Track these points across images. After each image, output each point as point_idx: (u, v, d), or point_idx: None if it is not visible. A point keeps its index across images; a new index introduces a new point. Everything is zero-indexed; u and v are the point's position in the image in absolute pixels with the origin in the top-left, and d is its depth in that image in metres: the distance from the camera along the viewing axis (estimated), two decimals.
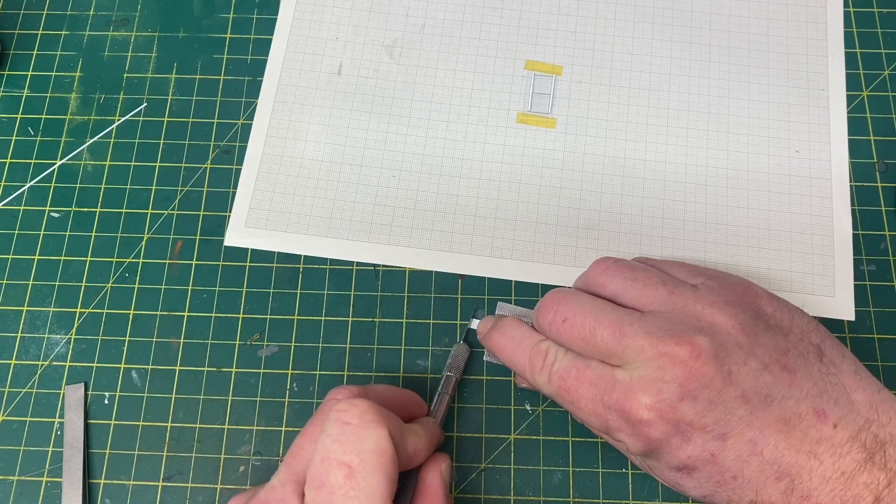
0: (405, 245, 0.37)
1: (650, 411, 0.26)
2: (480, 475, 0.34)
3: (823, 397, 0.26)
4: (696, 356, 0.26)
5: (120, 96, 0.41)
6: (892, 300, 0.36)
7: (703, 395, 0.25)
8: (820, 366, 0.27)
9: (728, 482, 0.26)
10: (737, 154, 0.39)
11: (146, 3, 0.43)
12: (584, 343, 0.28)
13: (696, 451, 0.26)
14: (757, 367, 0.26)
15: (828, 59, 0.41)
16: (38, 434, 0.35)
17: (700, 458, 0.26)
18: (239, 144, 0.40)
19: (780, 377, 0.26)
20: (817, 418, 0.26)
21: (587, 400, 0.27)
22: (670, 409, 0.25)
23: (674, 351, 0.26)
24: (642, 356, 0.26)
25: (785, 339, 0.27)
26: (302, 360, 0.36)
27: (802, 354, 0.27)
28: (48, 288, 0.37)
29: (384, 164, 0.39)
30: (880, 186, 0.38)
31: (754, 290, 0.29)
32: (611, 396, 0.26)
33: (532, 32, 0.41)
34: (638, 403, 0.26)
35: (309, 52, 0.41)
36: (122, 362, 0.36)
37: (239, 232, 0.38)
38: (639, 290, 0.29)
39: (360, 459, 0.25)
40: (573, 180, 0.38)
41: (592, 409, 0.27)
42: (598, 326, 0.28)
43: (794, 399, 0.26)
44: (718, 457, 0.26)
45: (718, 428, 0.25)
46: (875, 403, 0.26)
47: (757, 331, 0.27)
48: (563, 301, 0.29)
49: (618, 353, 0.27)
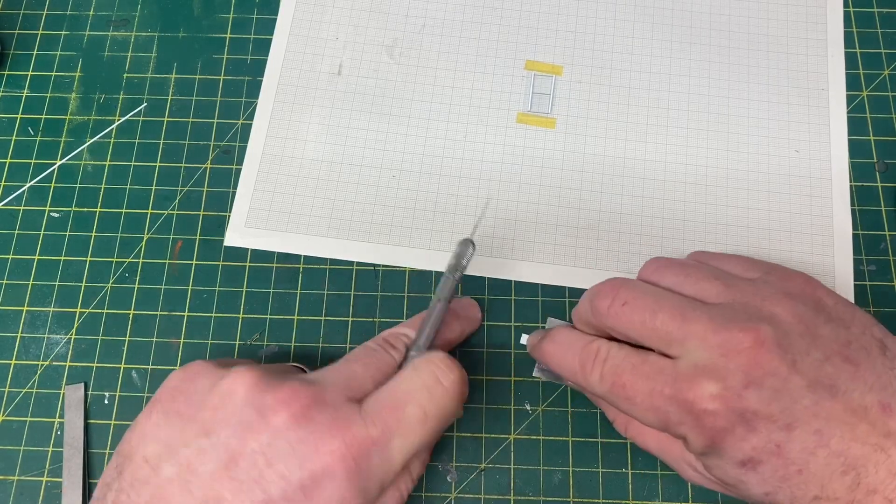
0: (405, 245, 0.37)
1: (715, 400, 0.25)
2: (480, 475, 0.34)
3: (888, 390, 0.25)
4: (760, 343, 0.25)
5: (120, 96, 0.41)
6: (892, 300, 0.36)
7: (769, 383, 0.25)
8: (883, 359, 0.26)
9: (793, 476, 0.25)
10: (737, 154, 0.39)
11: (146, 3, 0.43)
12: (642, 327, 0.27)
13: (762, 443, 0.25)
14: (819, 358, 0.25)
15: (828, 59, 0.41)
16: (38, 434, 0.35)
17: (765, 449, 0.25)
18: (239, 144, 0.40)
19: (842, 368, 0.25)
20: (883, 412, 0.25)
21: (644, 394, 0.26)
22: (735, 397, 0.25)
23: (738, 338, 0.25)
24: (704, 343, 0.26)
25: (846, 331, 0.27)
26: (302, 360, 0.36)
27: (865, 347, 0.26)
28: (48, 288, 0.37)
29: (384, 164, 0.39)
30: (880, 186, 0.38)
31: (814, 283, 0.28)
32: (672, 388, 0.25)
33: (532, 32, 0.41)
34: (702, 393, 0.25)
35: (309, 52, 0.41)
36: (122, 362, 0.36)
37: (239, 232, 0.38)
38: (693, 284, 0.28)
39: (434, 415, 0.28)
40: (573, 180, 0.38)
41: (650, 403, 0.26)
42: (659, 310, 0.27)
43: (859, 391, 0.25)
44: (784, 448, 0.25)
45: (784, 418, 0.25)
46: None
47: (818, 322, 0.26)
48: (624, 286, 0.28)
49: (679, 339, 0.26)
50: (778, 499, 0.25)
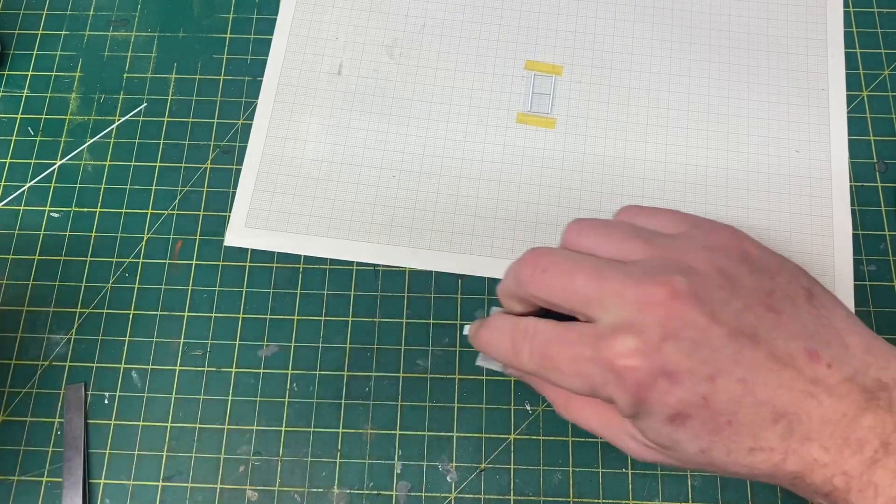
0: (405, 245, 0.37)
1: (634, 355, 0.25)
2: (480, 475, 0.34)
3: (815, 338, 0.25)
4: (675, 295, 0.25)
5: (120, 96, 0.41)
6: (892, 300, 0.36)
7: (686, 334, 0.25)
8: (809, 308, 0.26)
9: (724, 428, 0.25)
10: (737, 154, 0.39)
11: (146, 3, 0.43)
12: (563, 292, 0.27)
13: (687, 395, 0.24)
14: (739, 308, 0.25)
15: (828, 59, 0.41)
16: (38, 434, 0.35)
17: (691, 402, 0.24)
18: (239, 144, 0.40)
19: (764, 317, 0.25)
20: (809, 358, 0.25)
21: (569, 360, 0.26)
22: (654, 350, 0.24)
23: (652, 292, 0.25)
24: (621, 301, 0.26)
25: (771, 281, 0.27)
26: (302, 360, 0.36)
27: (790, 296, 0.26)
28: (48, 288, 0.37)
29: (384, 164, 0.39)
30: (880, 186, 0.38)
31: (739, 235, 0.28)
32: (592, 349, 0.25)
33: (532, 32, 0.41)
34: (620, 349, 0.25)
35: (309, 52, 0.41)
36: (122, 362, 0.36)
37: (239, 232, 0.38)
38: (614, 244, 0.28)
39: None
40: (573, 180, 0.38)
41: (575, 368, 0.26)
42: (576, 272, 0.27)
43: (783, 339, 0.25)
44: (710, 399, 0.24)
45: (706, 368, 0.24)
46: (871, 347, 0.25)
47: (740, 273, 0.26)
48: (544, 254, 0.28)
49: (597, 299, 0.26)
50: (714, 455, 0.25)
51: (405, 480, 0.34)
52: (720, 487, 0.33)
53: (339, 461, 0.34)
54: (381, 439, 0.35)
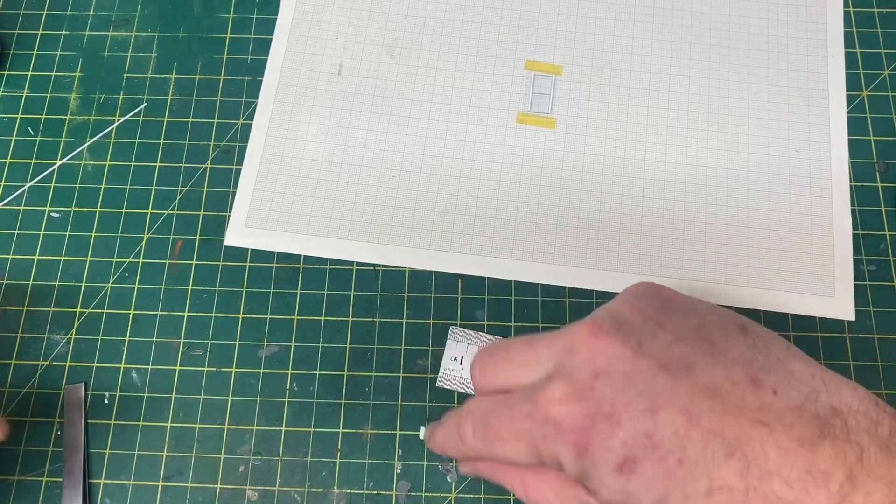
0: (405, 245, 0.37)
1: (567, 400, 0.23)
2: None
3: (754, 366, 0.23)
4: (598, 330, 0.24)
5: (120, 96, 0.41)
6: (892, 300, 0.36)
7: (617, 368, 0.23)
8: (745, 338, 0.25)
9: (675, 470, 0.22)
10: (737, 154, 0.39)
11: (146, 3, 0.43)
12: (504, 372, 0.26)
13: (629, 436, 0.23)
14: (669, 339, 0.24)
15: (828, 59, 0.41)
16: (38, 434, 0.35)
17: (636, 443, 0.23)
18: (239, 144, 0.40)
19: (697, 346, 0.24)
20: (753, 385, 0.23)
21: (508, 423, 0.25)
22: (586, 390, 0.23)
23: (576, 332, 0.24)
24: (551, 352, 0.25)
25: (700, 317, 0.25)
26: (302, 360, 0.36)
27: (723, 329, 0.25)
28: (48, 288, 0.37)
29: (384, 164, 0.39)
30: (880, 186, 0.38)
31: (659, 286, 0.27)
32: (529, 404, 0.24)
33: (532, 32, 0.41)
34: (553, 395, 0.24)
35: (309, 52, 0.41)
36: (122, 362, 0.36)
37: (239, 232, 0.38)
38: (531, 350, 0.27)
39: None
40: (573, 180, 0.38)
41: (515, 430, 0.25)
42: (511, 347, 0.27)
43: (721, 366, 0.23)
44: (654, 436, 0.23)
45: (643, 402, 0.23)
46: (817, 374, 0.23)
47: (666, 313, 0.25)
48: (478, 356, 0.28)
49: (532, 362, 0.25)
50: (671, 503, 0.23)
51: (405, 480, 0.34)
52: None
53: (339, 461, 0.34)
54: (381, 439, 0.35)
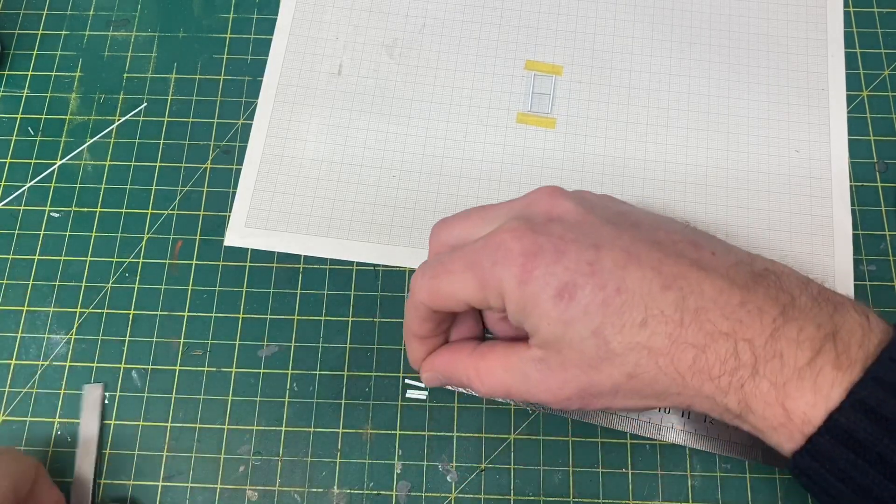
0: (405, 245, 0.37)
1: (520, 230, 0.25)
2: (480, 475, 0.34)
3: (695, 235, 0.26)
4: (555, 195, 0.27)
5: (120, 96, 0.41)
6: (892, 300, 0.36)
7: (569, 217, 0.26)
8: (685, 224, 0.28)
9: (613, 299, 0.24)
10: (737, 154, 0.39)
11: (146, 3, 0.43)
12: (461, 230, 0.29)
13: (572, 262, 0.24)
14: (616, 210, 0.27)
15: (828, 59, 0.41)
16: (38, 434, 0.35)
17: (578, 269, 0.24)
18: (239, 144, 0.40)
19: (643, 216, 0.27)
20: (693, 246, 0.25)
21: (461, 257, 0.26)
22: (540, 226, 0.26)
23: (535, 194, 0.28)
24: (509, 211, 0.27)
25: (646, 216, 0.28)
26: (302, 360, 0.36)
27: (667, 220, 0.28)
28: (48, 288, 0.37)
29: (384, 164, 0.39)
30: (880, 186, 0.38)
31: None
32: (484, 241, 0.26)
33: (532, 32, 0.41)
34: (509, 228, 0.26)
35: (309, 52, 0.41)
36: (122, 362, 0.36)
37: (239, 232, 0.38)
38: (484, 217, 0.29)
39: None
40: (573, 180, 0.38)
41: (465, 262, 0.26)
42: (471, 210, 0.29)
43: (664, 230, 0.26)
44: (595, 265, 0.24)
45: (589, 240, 0.25)
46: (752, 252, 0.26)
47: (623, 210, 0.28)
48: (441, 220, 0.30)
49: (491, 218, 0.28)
50: (607, 335, 0.24)
51: (405, 480, 0.34)
52: (720, 488, 0.34)
53: (339, 461, 0.34)
54: (381, 439, 0.35)
